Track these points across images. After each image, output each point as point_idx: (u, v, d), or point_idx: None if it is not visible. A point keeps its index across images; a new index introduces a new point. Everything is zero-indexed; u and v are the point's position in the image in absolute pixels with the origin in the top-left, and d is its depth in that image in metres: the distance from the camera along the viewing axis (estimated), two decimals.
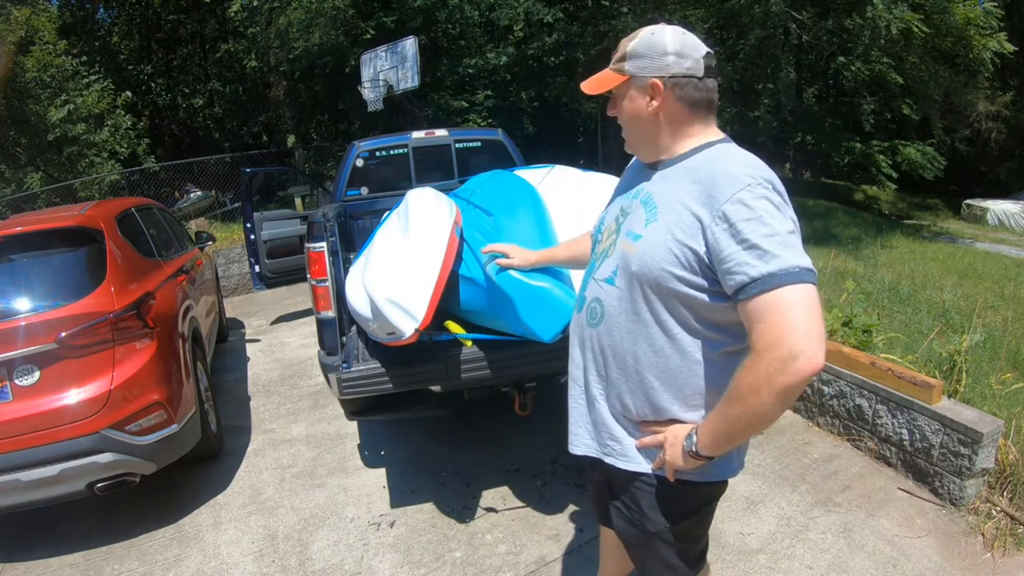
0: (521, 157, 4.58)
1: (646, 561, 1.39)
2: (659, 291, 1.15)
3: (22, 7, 10.49)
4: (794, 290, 1.00)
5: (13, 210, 8.93)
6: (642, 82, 1.19)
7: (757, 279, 1.01)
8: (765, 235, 1.02)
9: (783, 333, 0.98)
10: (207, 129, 15.95)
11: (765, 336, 1.00)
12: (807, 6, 12.39)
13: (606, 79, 1.23)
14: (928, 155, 13.79)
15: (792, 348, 0.97)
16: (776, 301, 1.00)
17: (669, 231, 1.13)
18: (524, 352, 2.38)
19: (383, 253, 2.32)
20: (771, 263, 1.01)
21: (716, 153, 1.18)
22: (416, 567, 2.35)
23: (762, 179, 1.07)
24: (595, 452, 1.35)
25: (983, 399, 2.95)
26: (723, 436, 1.12)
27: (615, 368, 1.26)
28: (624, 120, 1.25)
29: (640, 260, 1.16)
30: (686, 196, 1.13)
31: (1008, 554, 2.26)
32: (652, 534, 1.30)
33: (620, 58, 1.22)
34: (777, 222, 1.04)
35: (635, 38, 1.21)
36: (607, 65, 1.25)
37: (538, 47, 13.98)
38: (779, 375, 0.98)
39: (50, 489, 2.42)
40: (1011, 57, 11.90)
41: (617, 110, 1.26)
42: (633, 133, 1.26)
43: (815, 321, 0.99)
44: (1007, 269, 8.96)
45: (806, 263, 1.03)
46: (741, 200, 1.05)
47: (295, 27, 11.06)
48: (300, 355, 4.91)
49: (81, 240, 2.82)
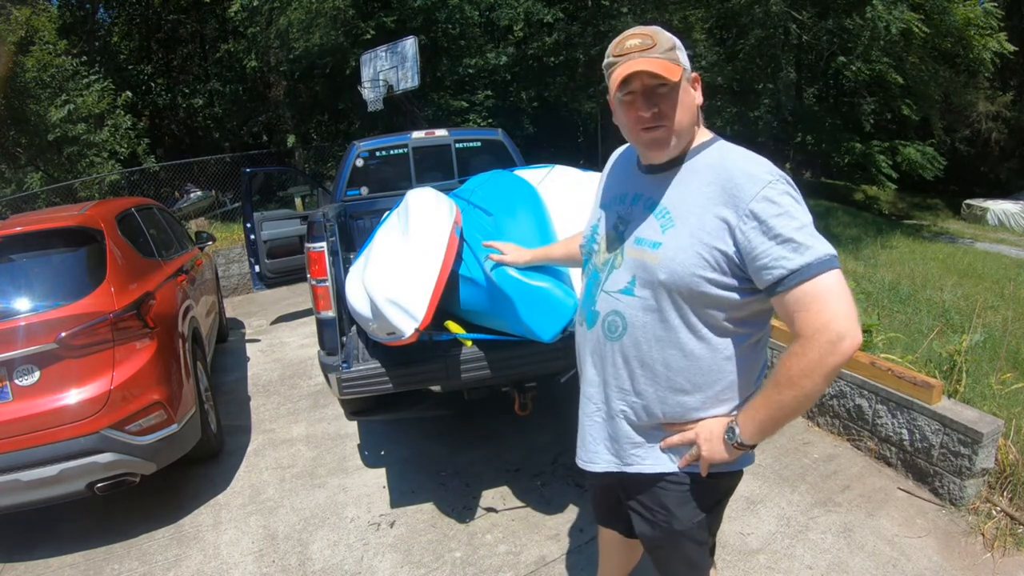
0: (521, 157, 4.58)
1: (671, 562, 1.38)
2: (690, 296, 1.16)
3: (22, 7, 10.49)
4: (829, 276, 1.05)
5: (13, 210, 8.93)
6: (689, 75, 1.18)
7: (796, 271, 1.05)
8: (796, 228, 1.07)
9: (829, 318, 1.03)
10: (207, 129, 15.95)
11: (812, 323, 1.05)
12: (807, 6, 12.39)
13: (671, 68, 1.12)
14: (928, 155, 13.80)
15: (839, 330, 1.03)
16: (816, 290, 1.05)
17: (693, 235, 1.13)
18: (524, 352, 2.38)
19: (383, 253, 2.32)
20: (806, 254, 1.05)
21: (719, 153, 1.18)
22: (416, 567, 2.35)
23: (778, 175, 1.12)
24: (615, 467, 1.34)
25: (983, 399, 2.95)
26: (771, 423, 1.15)
27: (643, 379, 1.25)
28: (674, 115, 1.15)
29: (668, 268, 1.15)
30: (704, 199, 1.14)
31: (1008, 554, 2.26)
32: (679, 532, 1.30)
33: (671, 48, 1.15)
34: (802, 214, 1.09)
35: (663, 33, 1.16)
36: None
37: (538, 47, 13.99)
38: (830, 356, 1.03)
39: (50, 489, 2.42)
40: (1011, 57, 11.91)
41: (667, 104, 1.14)
42: (681, 128, 1.17)
43: (850, 302, 1.06)
44: (1007, 269, 8.97)
45: (832, 250, 1.08)
46: (767, 198, 1.08)
47: (295, 27, 11.07)
48: (300, 355, 4.91)
49: (81, 240, 2.82)
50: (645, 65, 1.10)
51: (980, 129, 19.38)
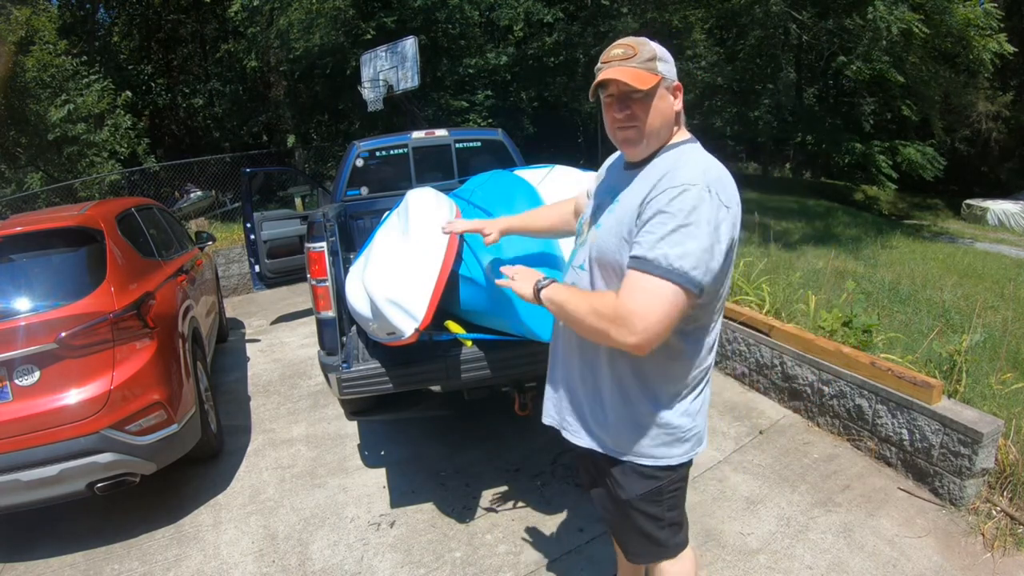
0: (521, 157, 4.58)
1: (624, 532, 1.48)
2: (610, 272, 1.30)
3: (22, 7, 10.49)
4: (662, 283, 1.13)
5: (13, 210, 8.92)
6: (669, 84, 1.29)
7: (639, 258, 1.16)
8: (669, 230, 1.14)
9: (634, 310, 1.14)
10: (207, 129, 15.94)
11: (626, 304, 1.16)
12: (807, 6, 12.39)
13: (645, 77, 1.24)
14: (928, 155, 13.81)
15: (635, 330, 1.15)
16: (644, 284, 1.15)
17: (619, 219, 1.28)
18: (524, 352, 2.39)
19: (383, 253, 2.32)
20: (655, 251, 1.14)
21: (676, 154, 1.29)
22: (416, 567, 2.35)
23: (702, 185, 1.16)
24: (557, 424, 1.52)
25: (983, 399, 2.95)
26: (560, 307, 1.32)
27: (584, 346, 1.39)
28: (653, 119, 1.27)
29: (597, 246, 1.33)
30: (641, 189, 1.25)
31: (1008, 554, 2.26)
32: (625, 502, 1.40)
33: (651, 58, 1.26)
34: (692, 225, 1.13)
35: (648, 43, 1.28)
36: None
37: (538, 47, 13.99)
38: (614, 334, 1.17)
39: (50, 489, 2.42)
40: (1011, 57, 11.89)
41: (640, 108, 1.26)
42: (655, 132, 1.29)
43: (663, 316, 1.14)
44: (1007, 269, 8.97)
45: (689, 268, 1.12)
46: (670, 197, 1.16)
47: (295, 28, 11.07)
48: (300, 355, 4.91)
49: (81, 240, 2.82)
50: (618, 74, 1.23)
51: (980, 129, 19.39)
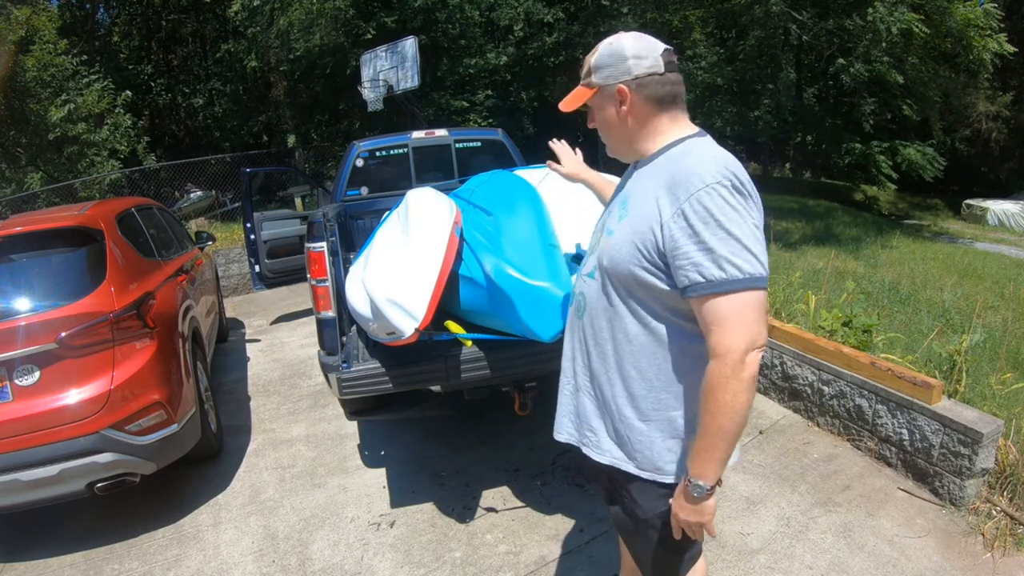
0: (521, 157, 4.58)
1: (638, 547, 1.42)
2: (628, 283, 1.22)
3: (22, 7, 10.47)
4: (744, 296, 1.08)
5: (13, 210, 8.92)
6: (610, 90, 1.25)
7: (710, 281, 1.08)
8: (720, 238, 1.07)
9: (739, 336, 1.08)
10: (207, 129, 15.95)
11: (723, 341, 1.09)
12: (807, 6, 12.39)
13: (578, 95, 1.30)
14: (928, 155, 13.81)
15: (747, 347, 1.08)
16: (729, 307, 1.08)
17: (633, 226, 1.20)
18: (524, 352, 2.38)
19: (383, 253, 2.32)
20: (725, 268, 1.07)
21: (682, 150, 1.22)
22: (416, 567, 2.35)
23: (723, 177, 1.10)
24: (575, 440, 1.43)
25: (983, 399, 2.95)
26: (719, 451, 1.14)
27: (596, 357, 1.33)
28: (602, 129, 1.32)
29: (609, 255, 1.25)
30: (651, 193, 1.19)
31: (1008, 554, 2.26)
32: (643, 520, 1.34)
33: (587, 72, 1.29)
34: (735, 224, 1.08)
35: (596, 52, 1.28)
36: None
37: (538, 47, 13.98)
38: (744, 370, 1.08)
39: (50, 489, 2.42)
40: (1011, 57, 11.89)
41: (595, 122, 1.33)
42: (611, 139, 1.32)
43: (761, 320, 1.10)
44: (1007, 269, 8.97)
45: (757, 268, 1.08)
46: (700, 200, 1.09)
47: (296, 28, 11.07)
48: (300, 355, 4.91)
49: (81, 240, 2.82)
50: (566, 98, 1.32)
51: (980, 129, 19.41)
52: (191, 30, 16.97)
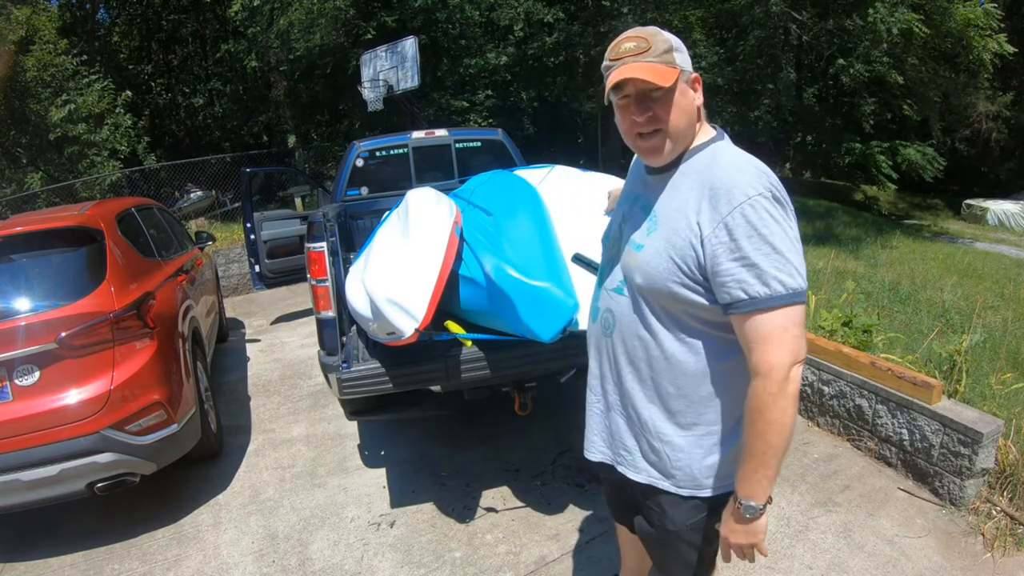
0: (521, 157, 4.58)
1: (667, 561, 1.39)
2: (665, 300, 1.17)
3: (22, 7, 10.47)
4: (788, 312, 1.05)
5: (13, 210, 8.92)
6: (687, 76, 1.15)
7: (754, 299, 1.05)
8: (765, 254, 1.04)
9: (784, 353, 1.05)
10: (207, 129, 15.94)
11: (767, 359, 1.06)
12: (807, 6, 12.39)
13: (665, 71, 1.10)
14: (928, 156, 13.81)
15: (791, 362, 1.06)
16: (773, 324, 1.05)
17: (669, 241, 1.14)
18: (524, 352, 2.38)
19: (383, 253, 2.32)
20: (770, 285, 1.04)
21: (711, 157, 1.17)
22: (416, 567, 2.35)
23: (763, 188, 1.07)
24: (609, 460, 1.38)
25: (983, 399, 2.95)
26: (768, 468, 1.10)
27: (630, 376, 1.27)
28: (675, 117, 1.14)
29: (643, 271, 1.17)
30: (685, 205, 1.13)
31: (1008, 554, 2.26)
32: (672, 533, 1.31)
33: (667, 50, 1.12)
34: (779, 237, 1.05)
35: (659, 34, 1.15)
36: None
37: (538, 47, 13.97)
38: (789, 385, 1.05)
39: (50, 489, 2.42)
40: (1011, 58, 11.89)
41: (662, 108, 1.13)
42: (678, 129, 1.15)
43: (802, 335, 1.07)
44: (1007, 269, 8.97)
45: (800, 283, 1.06)
46: (743, 214, 1.05)
47: (296, 28, 11.07)
48: (300, 355, 4.91)
49: (81, 240, 2.82)
50: (636, 72, 1.10)
51: (980, 129, 19.41)
52: (191, 30, 16.96)
